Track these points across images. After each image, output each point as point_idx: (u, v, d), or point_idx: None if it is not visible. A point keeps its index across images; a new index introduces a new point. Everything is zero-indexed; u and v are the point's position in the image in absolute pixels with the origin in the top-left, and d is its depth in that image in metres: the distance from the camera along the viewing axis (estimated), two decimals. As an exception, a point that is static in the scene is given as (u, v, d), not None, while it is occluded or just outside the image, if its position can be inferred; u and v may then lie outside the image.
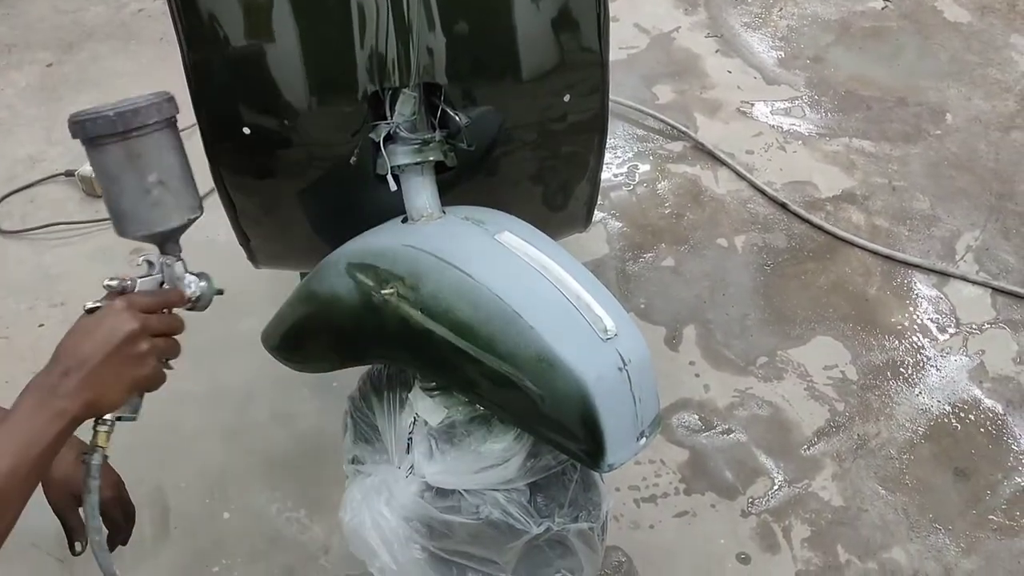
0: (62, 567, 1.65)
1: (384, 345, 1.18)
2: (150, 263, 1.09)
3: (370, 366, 1.34)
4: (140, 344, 1.00)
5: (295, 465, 1.81)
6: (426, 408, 1.21)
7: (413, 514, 1.21)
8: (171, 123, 1.07)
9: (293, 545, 1.69)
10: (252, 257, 1.51)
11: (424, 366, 1.16)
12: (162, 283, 1.10)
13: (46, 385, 0.95)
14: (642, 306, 2.15)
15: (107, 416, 1.05)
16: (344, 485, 1.37)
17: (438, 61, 1.21)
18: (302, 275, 1.72)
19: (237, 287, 2.07)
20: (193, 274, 1.13)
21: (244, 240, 1.44)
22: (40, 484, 1.16)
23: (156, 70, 2.81)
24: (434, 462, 1.19)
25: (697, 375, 2.00)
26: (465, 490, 1.18)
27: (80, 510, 1.24)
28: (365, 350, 1.22)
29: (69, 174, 2.41)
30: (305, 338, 1.30)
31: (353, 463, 1.34)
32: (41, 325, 2.07)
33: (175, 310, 1.10)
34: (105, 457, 1.08)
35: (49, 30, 3.03)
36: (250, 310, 2.05)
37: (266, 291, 2.05)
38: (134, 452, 1.78)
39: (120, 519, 1.33)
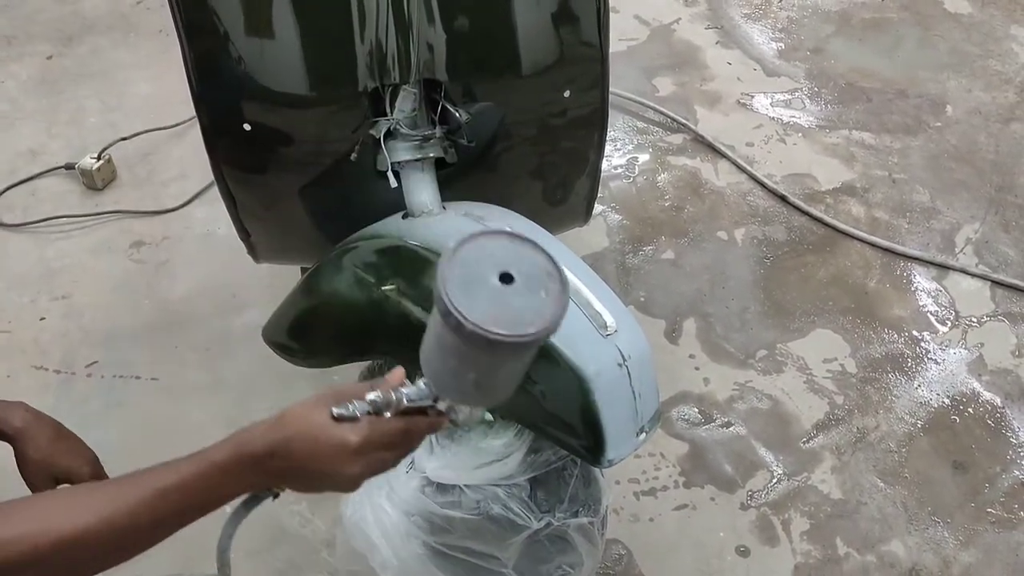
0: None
1: (385, 341, 1.19)
2: (428, 383, 0.90)
3: (370, 361, 1.35)
4: (347, 484, 0.92)
5: (296, 458, 1.81)
6: (426, 404, 1.21)
7: (414, 509, 1.22)
8: (530, 347, 0.82)
9: (295, 539, 1.70)
10: (252, 252, 1.52)
11: (425, 362, 1.17)
12: (431, 406, 0.91)
13: (252, 454, 0.88)
14: (642, 299, 2.16)
15: None
16: (345, 479, 1.37)
17: (438, 57, 1.21)
18: (302, 270, 1.73)
19: (237, 281, 2.10)
20: None
21: (244, 235, 1.45)
22: (16, 463, 1.22)
23: (156, 63, 2.81)
24: (435, 457, 1.20)
25: (697, 368, 2.01)
26: (466, 485, 1.19)
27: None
28: (365, 345, 1.22)
29: (70, 167, 2.41)
30: (306, 333, 1.30)
31: (354, 458, 1.34)
32: (43, 318, 2.07)
33: None
34: (276, 496, 0.99)
35: (49, 22, 3.02)
36: (250, 304, 2.07)
37: (266, 285, 2.06)
38: (135, 446, 1.80)
39: None
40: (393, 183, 1.22)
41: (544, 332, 0.78)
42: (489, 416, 1.11)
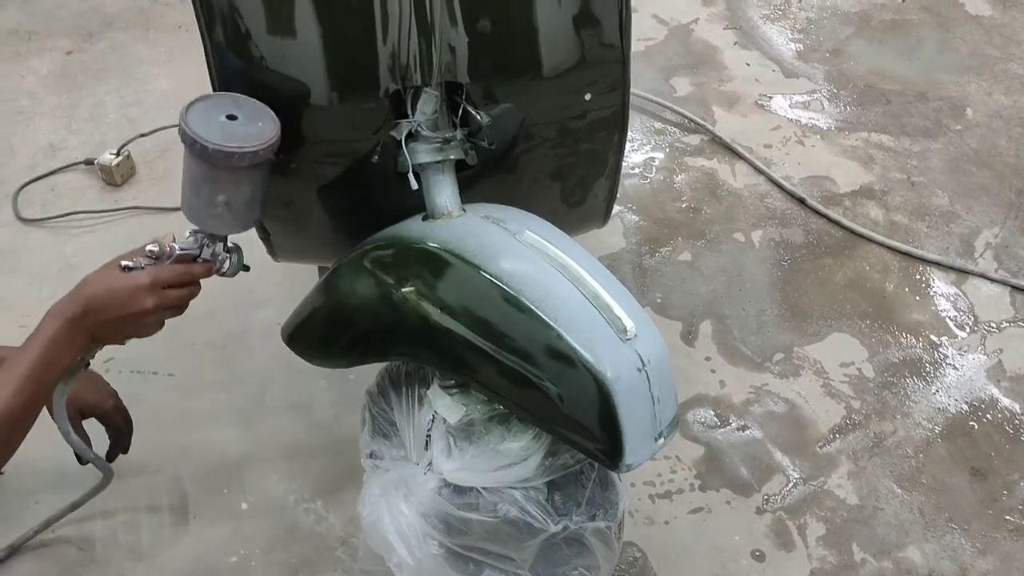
0: (82, 554, 1.67)
1: (403, 342, 1.19)
2: (196, 236, 1.20)
3: (388, 362, 1.35)
4: (149, 317, 1.17)
5: (312, 456, 1.82)
6: (445, 406, 1.22)
7: (431, 510, 1.22)
8: (260, 166, 1.15)
9: (310, 536, 1.70)
10: (272, 251, 1.52)
11: (443, 364, 1.17)
12: (197, 256, 1.20)
13: (69, 318, 1.14)
14: (658, 301, 2.15)
15: None
16: (361, 478, 1.38)
17: (460, 60, 1.21)
18: (320, 270, 1.74)
19: (255, 279, 2.09)
20: (228, 251, 1.24)
21: (264, 234, 1.45)
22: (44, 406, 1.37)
23: (176, 59, 2.82)
24: (452, 459, 1.20)
25: (713, 371, 2.01)
26: (483, 488, 1.19)
27: (82, 424, 1.49)
28: (384, 347, 1.22)
29: (89, 163, 2.42)
30: (324, 334, 1.31)
31: (371, 457, 1.35)
32: (61, 314, 2.08)
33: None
34: (87, 364, 1.31)
35: (68, 18, 3.03)
36: (267, 301, 2.08)
37: (283, 283, 2.06)
38: (153, 442, 1.81)
39: (122, 425, 1.55)
40: (414, 185, 1.22)
41: (267, 146, 1.12)
42: (245, 263, 1.28)
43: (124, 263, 1.14)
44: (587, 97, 1.32)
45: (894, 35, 3.03)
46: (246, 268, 1.27)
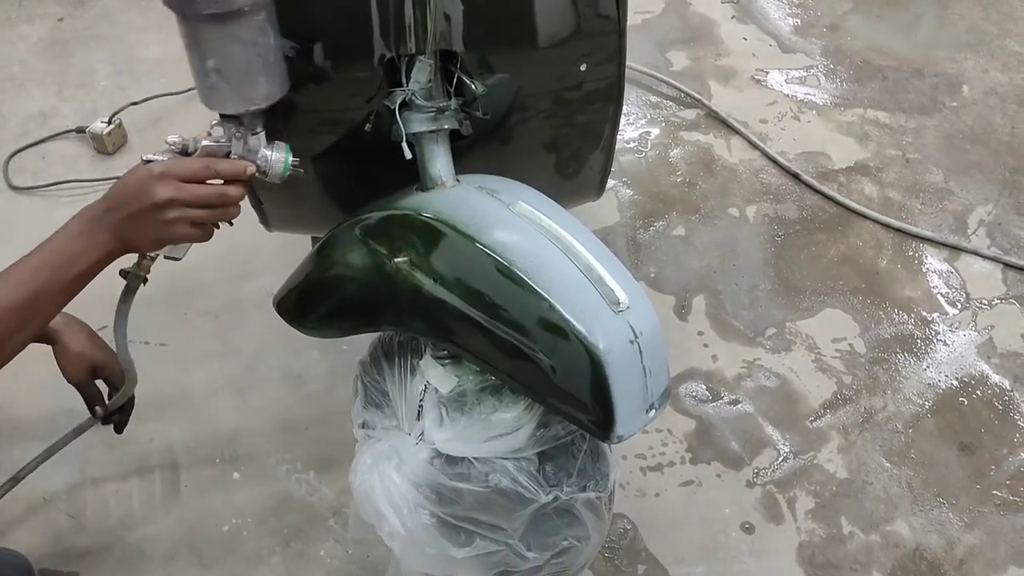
0: (72, 522, 1.67)
1: (396, 313, 1.18)
2: (225, 127, 1.10)
3: (381, 332, 1.35)
4: (168, 212, 1.06)
5: (304, 427, 1.83)
6: (437, 376, 1.22)
7: (423, 480, 1.22)
8: (239, 14, 1.02)
9: (302, 506, 1.71)
10: (264, 221, 1.52)
11: (436, 334, 1.16)
12: (228, 153, 1.10)
13: (92, 215, 1.08)
14: (652, 275, 2.15)
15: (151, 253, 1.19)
16: (353, 448, 1.38)
17: (455, 28, 1.20)
18: (314, 239, 1.73)
19: (248, 248, 2.10)
20: (268, 146, 1.12)
21: (257, 203, 1.45)
22: (57, 360, 1.42)
23: (168, 27, 2.75)
24: (444, 429, 1.20)
25: (705, 345, 2.01)
26: (475, 458, 1.19)
27: (95, 382, 1.48)
28: (377, 317, 1.22)
29: (80, 131, 2.41)
30: (317, 304, 1.30)
31: (363, 428, 1.35)
32: (53, 283, 2.08)
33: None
34: (144, 280, 1.25)
35: (59, -17, 3.00)
36: (261, 272, 2.07)
37: (277, 253, 2.06)
38: (145, 411, 1.81)
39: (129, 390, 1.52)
40: (407, 154, 1.21)
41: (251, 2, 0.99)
42: (290, 158, 1.14)
43: (146, 156, 1.08)
44: (582, 68, 1.31)
45: (892, 11, 3.02)
46: (298, 170, 1.14)
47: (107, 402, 1.52)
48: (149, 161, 1.07)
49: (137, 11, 2.88)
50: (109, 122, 2.37)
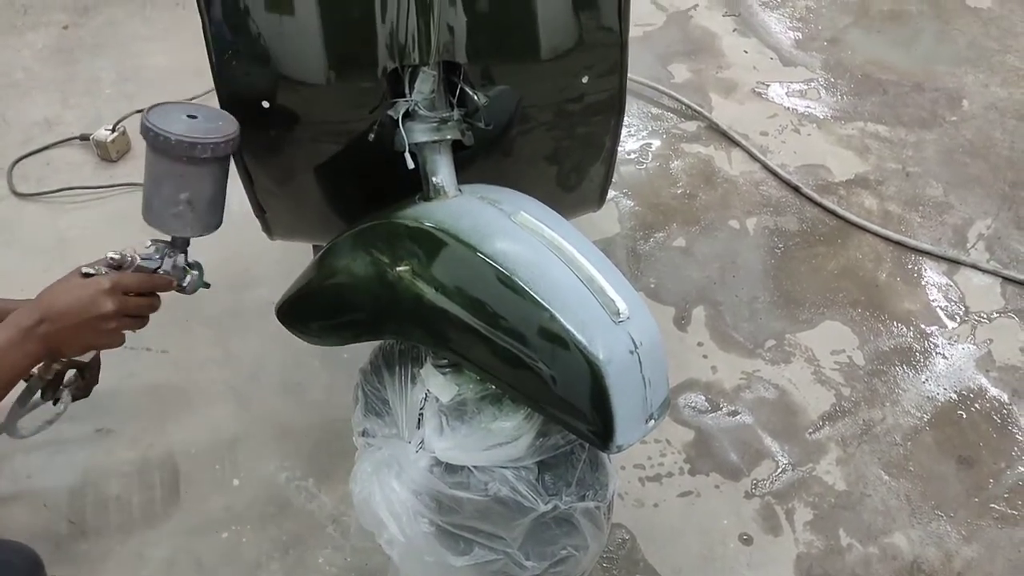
0: (73, 527, 1.68)
1: (397, 321, 1.19)
2: (157, 246, 1.21)
3: (382, 341, 1.35)
4: (110, 323, 1.14)
5: (304, 434, 1.83)
6: (437, 385, 1.22)
7: (422, 488, 1.23)
8: (222, 159, 1.16)
9: (301, 513, 1.71)
10: (267, 229, 1.52)
11: (437, 343, 1.17)
12: (158, 268, 1.20)
13: (23, 325, 1.11)
14: (652, 286, 2.16)
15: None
16: (353, 457, 1.39)
17: (458, 39, 1.21)
18: (315, 248, 1.74)
19: (250, 257, 2.10)
20: (190, 265, 1.24)
21: (260, 212, 1.45)
22: None
23: (172, 35, 2.81)
24: (444, 438, 1.21)
25: (705, 356, 2.02)
26: (474, 466, 1.20)
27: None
28: (378, 326, 1.23)
29: (84, 138, 2.42)
30: (319, 312, 1.31)
31: (363, 436, 1.36)
32: (55, 289, 2.08)
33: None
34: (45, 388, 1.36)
35: (65, -9, 3.02)
36: (262, 280, 2.08)
37: (279, 261, 2.07)
38: (146, 418, 1.82)
39: (96, 374, 1.53)
40: (410, 164, 1.22)
41: (228, 140, 1.13)
42: (205, 281, 1.27)
43: (85, 270, 1.15)
44: (584, 80, 1.32)
45: (892, 25, 3.04)
46: (206, 285, 1.26)
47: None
48: (87, 274, 1.15)
49: (142, 20, 2.90)
50: (113, 129, 2.38)
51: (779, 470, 1.81)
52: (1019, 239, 2.29)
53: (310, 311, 1.32)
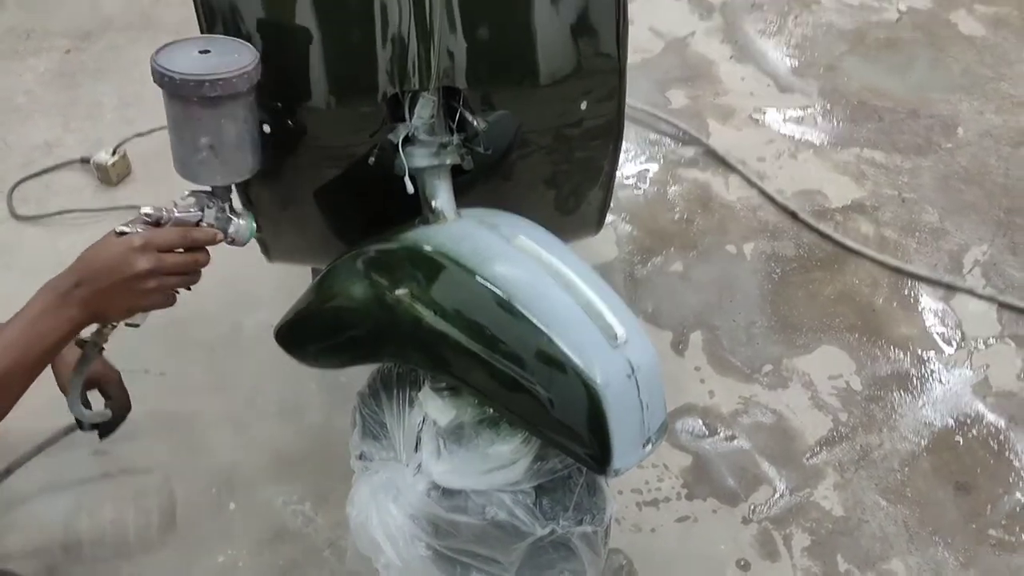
0: (68, 552, 1.67)
1: (396, 344, 1.20)
2: (197, 197, 1.15)
3: (381, 364, 1.36)
4: (148, 281, 1.09)
5: (302, 458, 1.83)
6: (435, 408, 1.23)
7: (419, 512, 1.23)
8: (237, 96, 1.09)
9: (298, 537, 1.71)
10: (266, 251, 1.53)
11: (435, 366, 1.18)
12: (199, 221, 1.14)
13: (60, 289, 1.09)
14: (649, 310, 2.17)
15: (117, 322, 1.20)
16: (350, 480, 1.38)
17: (458, 65, 1.22)
18: (314, 270, 1.74)
19: (249, 279, 2.11)
20: (235, 214, 1.18)
21: (259, 234, 1.46)
22: (53, 369, 1.41)
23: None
24: (442, 461, 1.21)
25: (702, 381, 2.02)
26: (472, 490, 1.20)
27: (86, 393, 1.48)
28: (377, 349, 1.23)
29: (85, 161, 2.43)
30: (317, 334, 1.31)
31: (361, 459, 1.36)
32: (54, 311, 2.09)
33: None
34: (102, 349, 1.26)
35: (68, 16, 3.04)
36: (261, 303, 2.08)
37: (278, 284, 2.07)
38: (142, 441, 1.82)
39: (125, 401, 1.55)
40: (410, 189, 1.23)
41: (241, 73, 1.06)
42: (255, 226, 1.21)
43: (120, 228, 1.10)
44: (583, 106, 1.33)
45: (888, 53, 3.06)
46: (258, 230, 1.21)
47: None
48: (122, 233, 1.09)
49: (144, 44, 2.91)
50: (114, 153, 2.39)
51: (776, 495, 1.81)
52: (1015, 265, 2.30)
53: (309, 334, 1.32)
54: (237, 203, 1.20)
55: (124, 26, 3.01)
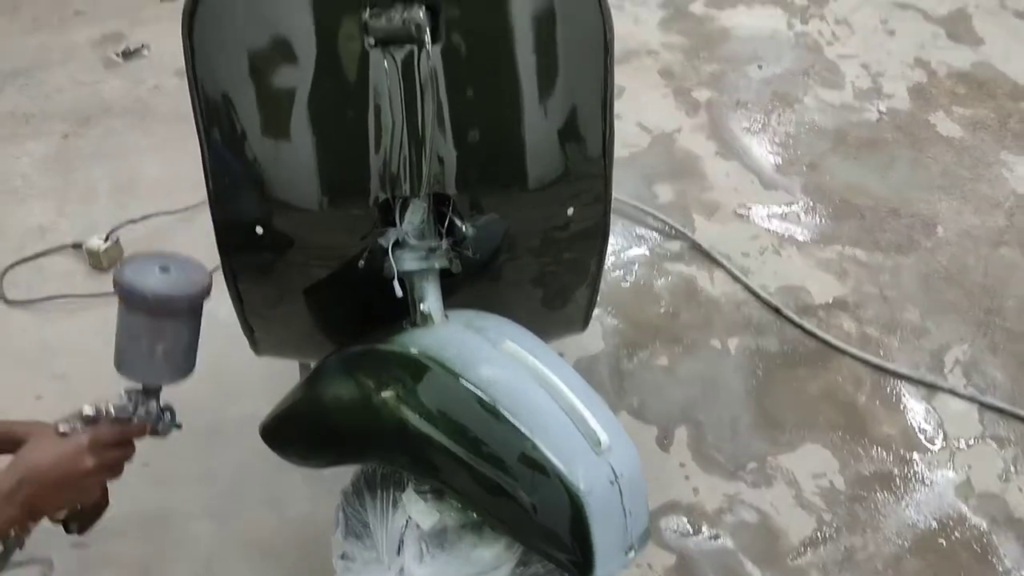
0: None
1: (381, 446, 1.21)
2: (130, 394, 1.21)
3: (364, 465, 1.36)
4: (91, 479, 1.14)
5: (282, 553, 1.81)
6: (419, 511, 1.23)
7: (401, 616, 1.22)
8: (196, 311, 1.18)
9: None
10: (255, 346, 1.54)
11: (419, 469, 1.19)
12: (132, 416, 1.20)
13: (3, 491, 1.09)
14: (635, 405, 2.18)
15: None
16: (332, 578, 1.37)
17: (448, 171, 1.26)
18: (301, 364, 1.76)
19: (234, 371, 2.11)
20: (162, 408, 1.23)
21: (248, 331, 1.48)
22: None
23: (169, 146, 2.87)
24: (424, 565, 1.21)
25: (687, 477, 2.02)
26: (454, 595, 1.19)
27: None
28: (363, 450, 1.24)
29: (77, 246, 2.45)
30: (303, 434, 1.32)
31: (343, 559, 1.35)
32: (39, 397, 2.09)
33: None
34: (23, 544, 1.20)
35: (67, 102, 3.09)
36: (245, 394, 2.08)
37: (263, 376, 2.07)
38: (123, 531, 1.79)
39: (103, 493, 1.41)
40: (399, 292, 1.25)
41: (199, 290, 1.16)
42: (178, 422, 1.25)
43: (61, 428, 1.14)
44: (570, 212, 1.37)
45: (869, 152, 3.14)
46: (178, 426, 1.27)
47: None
48: (64, 433, 1.13)
49: (140, 131, 2.97)
50: (106, 239, 2.42)
51: (761, 597, 1.80)
52: (995, 365, 2.33)
53: (295, 433, 1.33)
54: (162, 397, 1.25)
55: (122, 111, 3.07)
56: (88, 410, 1.16)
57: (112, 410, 1.18)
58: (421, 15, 1.17)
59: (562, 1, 1.24)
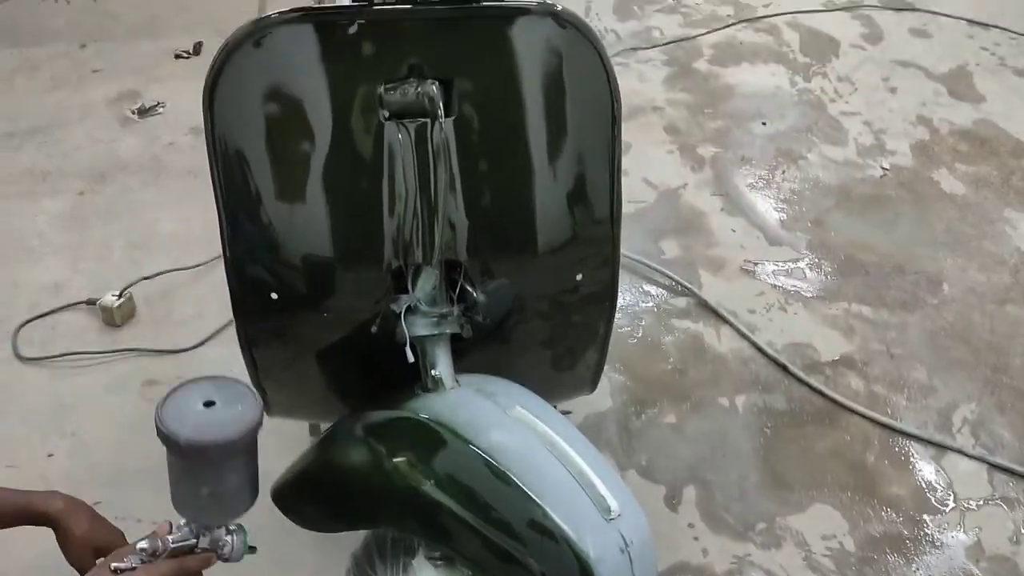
0: None
1: (392, 512, 1.22)
2: (190, 525, 1.13)
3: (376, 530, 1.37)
4: None
5: (291, 613, 1.80)
6: (430, 577, 1.23)
7: None
8: (244, 451, 1.10)
9: None
10: (266, 407, 1.55)
11: (430, 535, 1.19)
12: (195, 545, 1.12)
13: None
14: (644, 463, 2.18)
15: None
16: (341, 644, 1.37)
17: (460, 238, 1.29)
18: (311, 425, 1.77)
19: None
20: (229, 533, 1.15)
21: (261, 392, 1.49)
22: (60, 544, 1.32)
23: (183, 203, 2.91)
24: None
25: (696, 538, 2.01)
26: (461, 662, 1.19)
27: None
28: (373, 515, 1.25)
29: (91, 303, 2.48)
30: (314, 498, 1.33)
31: (353, 623, 1.35)
32: (51, 455, 2.10)
33: None
34: None
35: (84, 159, 3.15)
36: (258, 454, 2.09)
37: (274, 432, 2.08)
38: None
39: None
40: (411, 358, 1.27)
41: (246, 433, 1.06)
42: (250, 544, 1.18)
43: (115, 565, 1.04)
44: (579, 277, 1.39)
45: (873, 209, 3.17)
46: (252, 550, 1.18)
47: None
48: (120, 570, 1.04)
49: (155, 188, 3.01)
50: (120, 295, 2.45)
51: (771, 661, 1.78)
52: (1003, 424, 2.33)
53: (306, 497, 1.34)
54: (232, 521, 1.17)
55: (137, 169, 3.12)
56: (144, 544, 1.07)
57: (169, 542, 1.09)
58: (434, 89, 1.21)
59: (571, 75, 1.28)
